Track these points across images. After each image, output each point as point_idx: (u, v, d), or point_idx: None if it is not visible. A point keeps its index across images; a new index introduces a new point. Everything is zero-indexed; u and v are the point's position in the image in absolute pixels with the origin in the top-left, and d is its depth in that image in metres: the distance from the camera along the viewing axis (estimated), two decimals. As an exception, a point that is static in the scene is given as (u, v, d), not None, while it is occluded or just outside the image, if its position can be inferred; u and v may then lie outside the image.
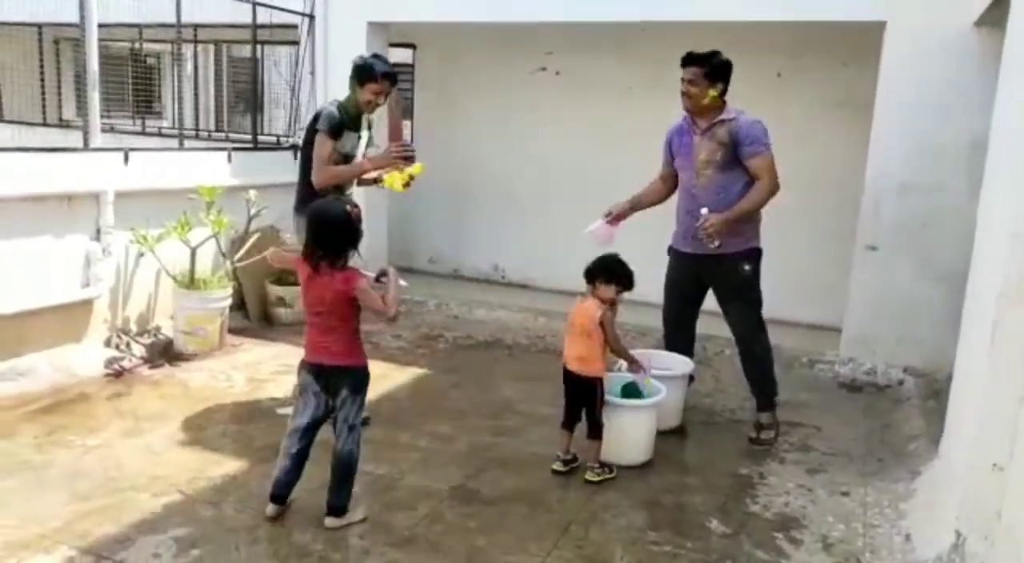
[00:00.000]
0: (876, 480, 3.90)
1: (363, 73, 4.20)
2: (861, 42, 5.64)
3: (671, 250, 4.56)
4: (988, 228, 3.21)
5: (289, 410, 3.54)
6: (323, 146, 4.16)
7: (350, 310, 3.22)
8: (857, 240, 5.50)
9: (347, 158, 4.30)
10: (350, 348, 3.27)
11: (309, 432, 3.32)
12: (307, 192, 4.22)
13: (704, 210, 4.13)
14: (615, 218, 4.52)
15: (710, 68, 4.16)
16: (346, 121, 4.22)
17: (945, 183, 5.15)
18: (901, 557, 3.18)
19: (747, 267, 4.28)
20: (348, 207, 3.25)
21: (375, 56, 4.36)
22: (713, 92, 4.18)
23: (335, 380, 3.25)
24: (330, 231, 3.17)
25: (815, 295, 6.11)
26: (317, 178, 4.18)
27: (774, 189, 4.15)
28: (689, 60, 4.24)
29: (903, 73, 5.20)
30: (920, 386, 5.19)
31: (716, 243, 4.15)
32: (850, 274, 5.57)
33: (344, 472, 3.28)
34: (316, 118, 4.24)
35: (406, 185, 4.31)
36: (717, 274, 4.33)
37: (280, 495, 3.31)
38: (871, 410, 4.96)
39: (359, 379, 3.30)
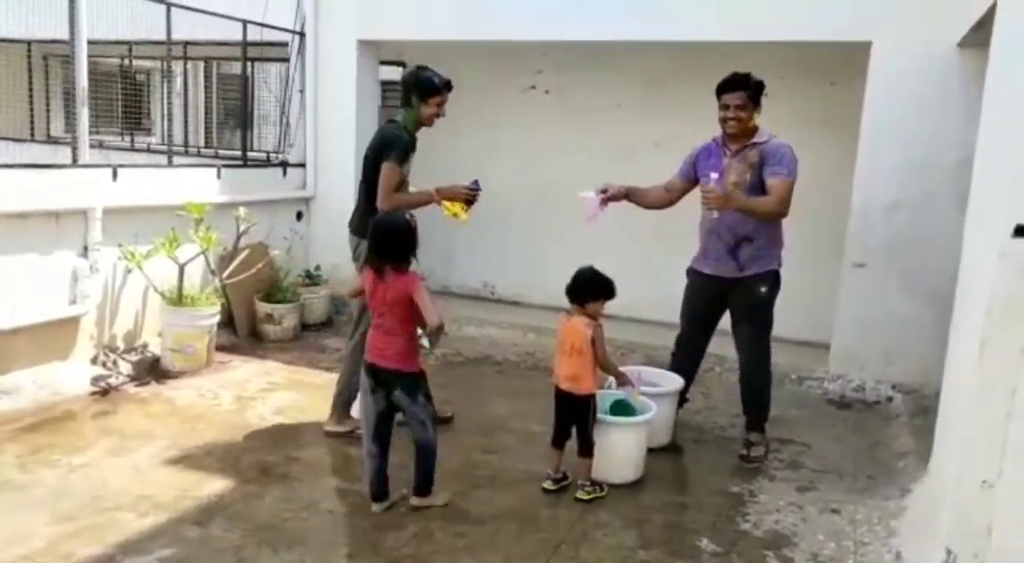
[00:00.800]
0: (866, 497, 3.90)
1: (426, 87, 4.18)
2: (847, 62, 5.70)
3: (691, 271, 4.55)
4: (975, 246, 3.23)
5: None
6: (392, 175, 4.12)
7: (408, 312, 3.48)
8: (845, 257, 5.53)
9: (404, 183, 4.28)
10: (404, 354, 3.51)
11: (379, 427, 3.58)
12: (369, 214, 4.11)
13: (714, 175, 4.14)
14: (608, 197, 4.38)
15: (754, 91, 4.14)
16: (412, 146, 4.23)
17: (932, 201, 5.19)
18: (892, 575, 3.17)
19: (763, 289, 4.29)
20: (407, 217, 3.61)
21: (423, 68, 4.30)
22: (756, 114, 4.19)
23: (389, 382, 3.53)
24: (394, 239, 3.54)
25: (804, 312, 6.12)
26: (385, 205, 4.07)
27: (780, 210, 4.15)
28: (734, 85, 4.15)
29: (889, 92, 5.25)
30: (908, 403, 5.20)
31: (713, 209, 4.14)
32: (838, 291, 5.60)
33: (422, 459, 3.57)
34: (382, 144, 4.17)
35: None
36: (735, 293, 4.32)
37: (379, 492, 3.58)
38: (860, 427, 4.97)
39: (411, 383, 3.54)
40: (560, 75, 7.36)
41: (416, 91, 4.21)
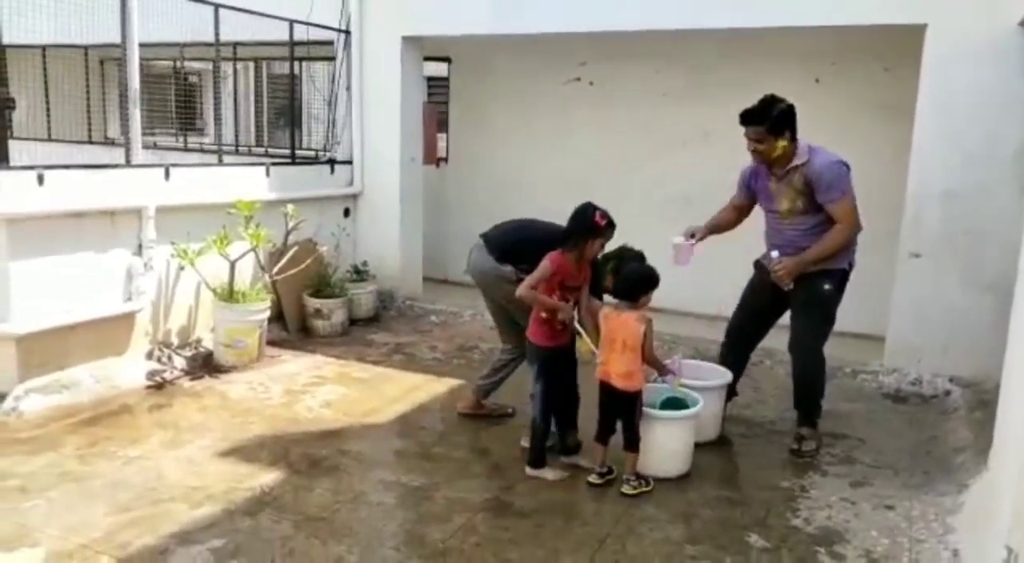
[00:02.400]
0: (922, 493, 3.79)
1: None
2: (902, 46, 5.54)
3: (757, 265, 4.52)
4: (1036, 233, 3.11)
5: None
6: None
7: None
8: (900, 247, 5.38)
9: None
10: (532, 326, 3.89)
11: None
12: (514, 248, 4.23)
13: (775, 253, 4.12)
14: (699, 239, 4.43)
15: (771, 123, 4.02)
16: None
17: (990, 189, 5.02)
18: (949, 573, 3.08)
19: (827, 286, 4.20)
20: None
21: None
22: (783, 142, 4.05)
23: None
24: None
25: (858, 303, 5.94)
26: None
27: (855, 230, 4.11)
28: (747, 120, 4.06)
29: (945, 76, 5.08)
30: (967, 396, 5.04)
31: (790, 285, 4.13)
32: (894, 282, 5.45)
33: (532, 431, 3.92)
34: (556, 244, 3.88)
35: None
36: (798, 288, 4.23)
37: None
38: (916, 421, 4.83)
39: (530, 352, 3.97)
40: (603, 66, 7.31)
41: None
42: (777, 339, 4.85)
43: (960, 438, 4.42)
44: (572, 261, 3.79)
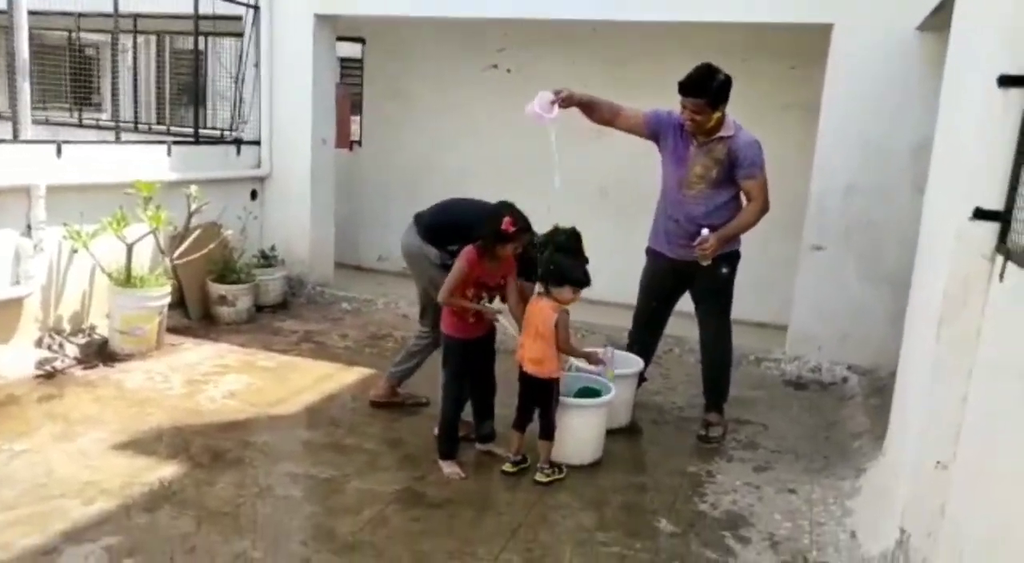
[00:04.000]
0: (822, 477, 3.93)
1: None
2: (809, 45, 5.70)
3: (650, 251, 4.52)
4: (933, 228, 3.25)
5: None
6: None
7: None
8: (803, 240, 5.56)
9: None
10: (445, 316, 3.87)
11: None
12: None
13: (705, 231, 4.11)
14: (566, 100, 4.19)
15: (712, 97, 4.02)
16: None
17: (890, 184, 5.24)
18: (847, 554, 3.20)
19: (725, 269, 4.29)
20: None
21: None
22: (718, 114, 4.09)
23: None
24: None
25: (762, 293, 6.16)
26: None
27: (765, 209, 4.19)
28: (691, 90, 4.03)
29: (849, 75, 5.27)
30: (864, 384, 5.27)
31: (709, 262, 4.15)
32: (796, 273, 5.63)
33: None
34: (478, 231, 3.77)
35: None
36: (698, 274, 4.29)
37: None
38: (816, 408, 5.02)
39: (442, 342, 3.95)
40: (521, 53, 7.27)
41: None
42: (686, 328, 4.96)
43: (857, 424, 4.61)
44: (488, 260, 3.72)
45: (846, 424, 4.69)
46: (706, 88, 4.02)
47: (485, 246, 3.67)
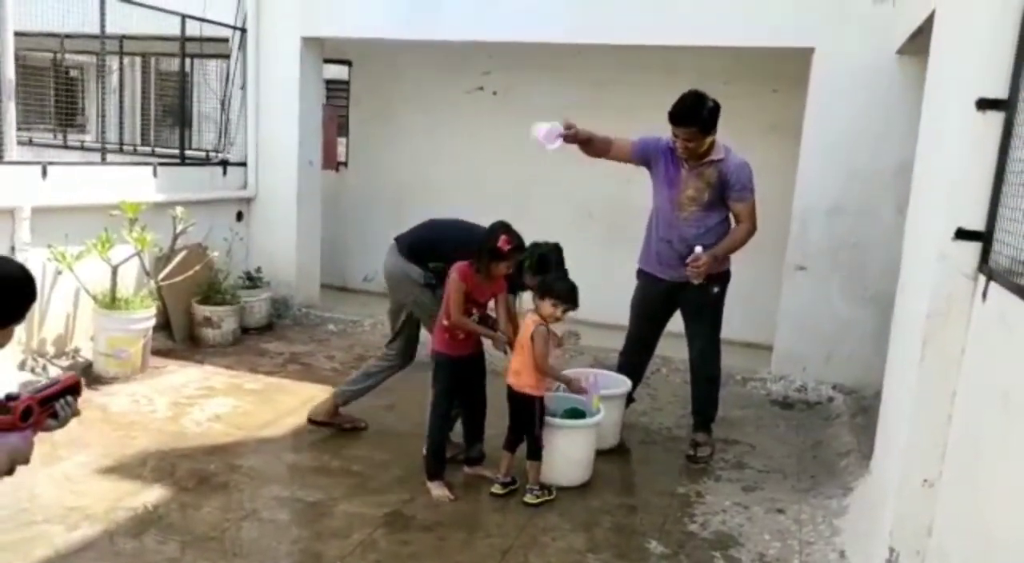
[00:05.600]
0: (810, 497, 3.95)
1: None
2: (790, 68, 5.79)
3: (641, 273, 4.55)
4: (915, 249, 3.29)
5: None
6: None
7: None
8: (786, 260, 5.62)
9: None
10: (436, 334, 3.88)
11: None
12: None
13: (699, 248, 4.15)
14: (572, 136, 4.21)
15: (703, 124, 4.06)
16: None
17: (872, 205, 5.30)
18: (836, 574, 3.21)
19: (716, 289, 4.33)
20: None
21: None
22: (711, 139, 4.14)
23: None
24: None
25: (747, 314, 6.20)
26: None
27: (754, 230, 4.24)
28: (683, 120, 4.07)
29: (830, 98, 5.35)
30: (849, 403, 5.30)
31: (700, 280, 4.18)
32: (780, 294, 5.68)
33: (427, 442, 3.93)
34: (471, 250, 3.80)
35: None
36: (688, 293, 4.32)
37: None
38: (803, 427, 5.04)
39: (432, 360, 3.91)
40: (507, 77, 7.33)
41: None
42: (673, 348, 4.97)
43: (844, 443, 4.63)
44: (481, 277, 3.73)
45: (832, 443, 4.71)
46: (697, 116, 4.07)
47: (479, 262, 3.68)
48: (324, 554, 3.18)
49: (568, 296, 3.71)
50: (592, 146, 4.41)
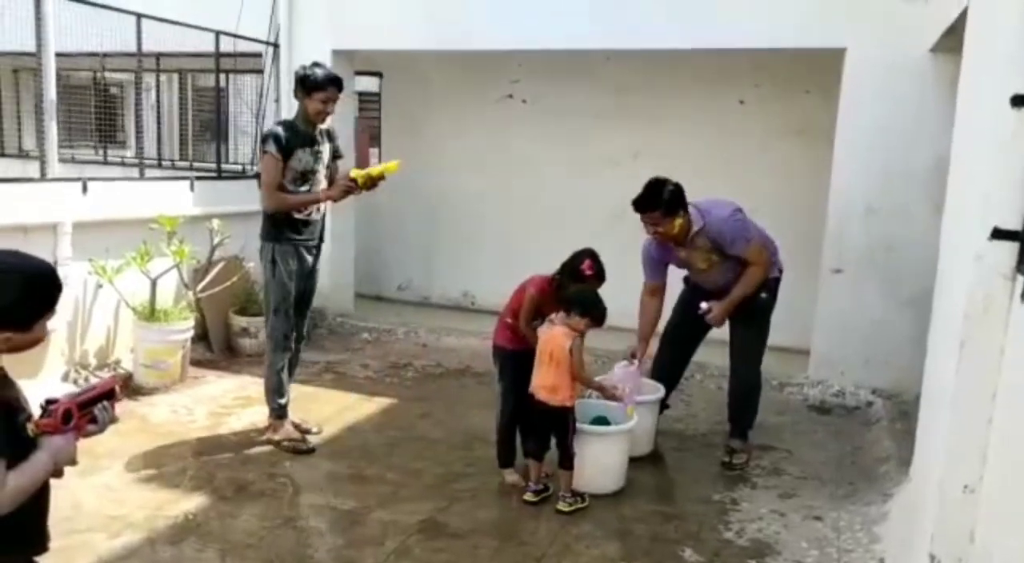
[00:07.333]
0: (848, 504, 3.88)
1: (307, 82, 4.17)
2: (822, 69, 5.73)
3: (687, 279, 4.59)
4: (952, 249, 3.23)
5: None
6: (269, 170, 4.11)
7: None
8: (822, 264, 5.54)
9: (305, 174, 4.23)
10: (500, 331, 4.10)
11: None
12: (265, 218, 4.18)
13: (704, 304, 4.20)
14: (643, 363, 4.39)
15: (665, 207, 4.08)
16: (293, 138, 4.15)
17: (908, 206, 5.22)
18: (876, 582, 3.15)
19: (764, 295, 4.30)
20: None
21: (315, 64, 4.31)
22: (679, 220, 4.13)
23: None
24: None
25: (784, 318, 6.10)
26: (265, 203, 4.14)
27: (766, 269, 4.24)
28: (642, 207, 4.12)
29: (863, 99, 5.28)
30: (888, 407, 5.20)
31: (721, 326, 4.27)
32: (816, 297, 5.60)
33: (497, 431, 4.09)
34: (263, 140, 4.19)
35: (373, 186, 4.34)
36: None
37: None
38: (841, 433, 4.96)
39: (497, 355, 4.11)
40: (536, 84, 7.36)
41: (301, 86, 4.22)
42: (708, 354, 4.93)
43: (883, 448, 4.55)
44: (554, 294, 3.87)
45: (871, 449, 4.63)
46: (657, 201, 4.09)
47: (561, 281, 3.85)
48: (359, 561, 3.20)
49: (602, 320, 3.75)
50: (652, 319, 4.47)
